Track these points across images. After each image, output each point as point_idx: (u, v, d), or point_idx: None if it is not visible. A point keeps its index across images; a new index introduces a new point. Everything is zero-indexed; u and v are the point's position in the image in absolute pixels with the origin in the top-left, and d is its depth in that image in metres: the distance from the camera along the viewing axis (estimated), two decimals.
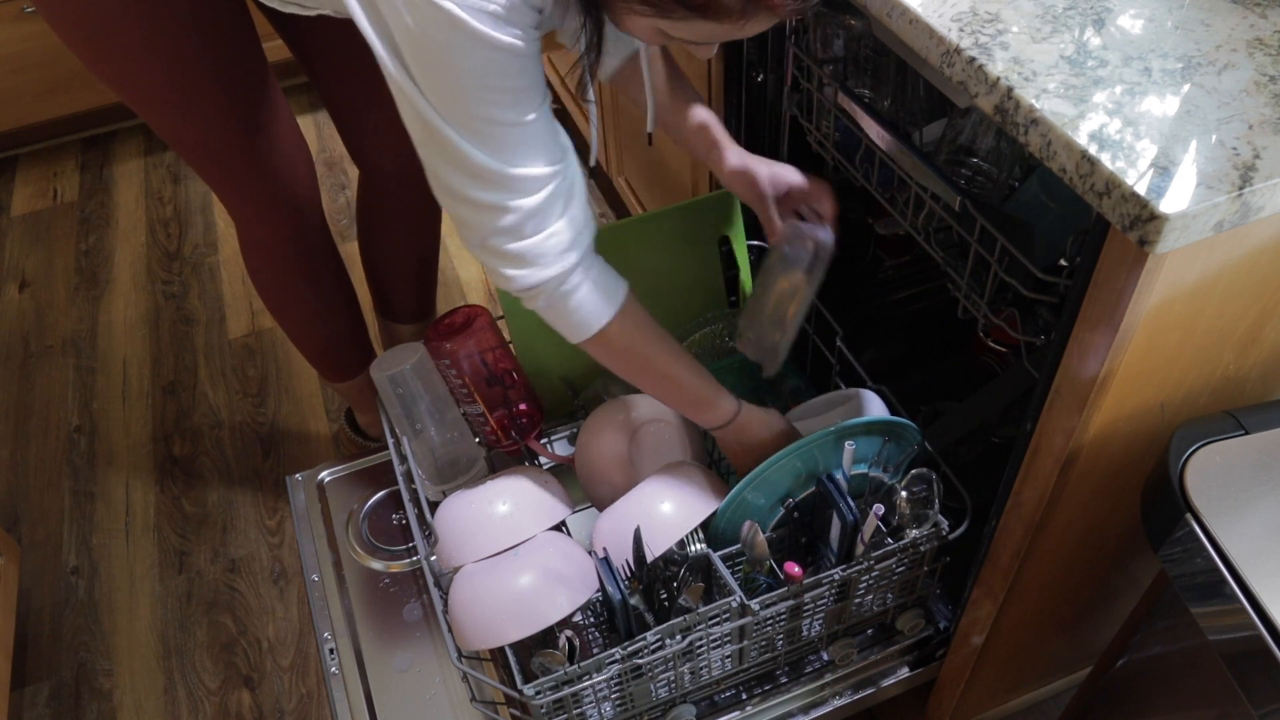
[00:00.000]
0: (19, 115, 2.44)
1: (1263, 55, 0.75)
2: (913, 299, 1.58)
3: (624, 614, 0.96)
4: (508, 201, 0.83)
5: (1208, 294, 0.74)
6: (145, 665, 1.53)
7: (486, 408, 1.21)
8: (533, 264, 0.87)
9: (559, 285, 0.89)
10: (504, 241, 0.86)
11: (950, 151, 1.02)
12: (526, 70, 0.78)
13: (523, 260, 0.87)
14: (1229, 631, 0.71)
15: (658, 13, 0.74)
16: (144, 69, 1.08)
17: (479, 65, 0.75)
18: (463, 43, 0.74)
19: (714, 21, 0.74)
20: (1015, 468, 0.93)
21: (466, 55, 0.75)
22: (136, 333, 2.08)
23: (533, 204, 0.84)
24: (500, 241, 0.86)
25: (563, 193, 0.86)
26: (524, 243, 0.85)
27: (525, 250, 0.86)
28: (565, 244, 0.87)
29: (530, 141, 0.82)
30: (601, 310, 0.92)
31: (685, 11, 0.73)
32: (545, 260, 0.87)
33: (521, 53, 0.77)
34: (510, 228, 0.85)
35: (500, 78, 0.77)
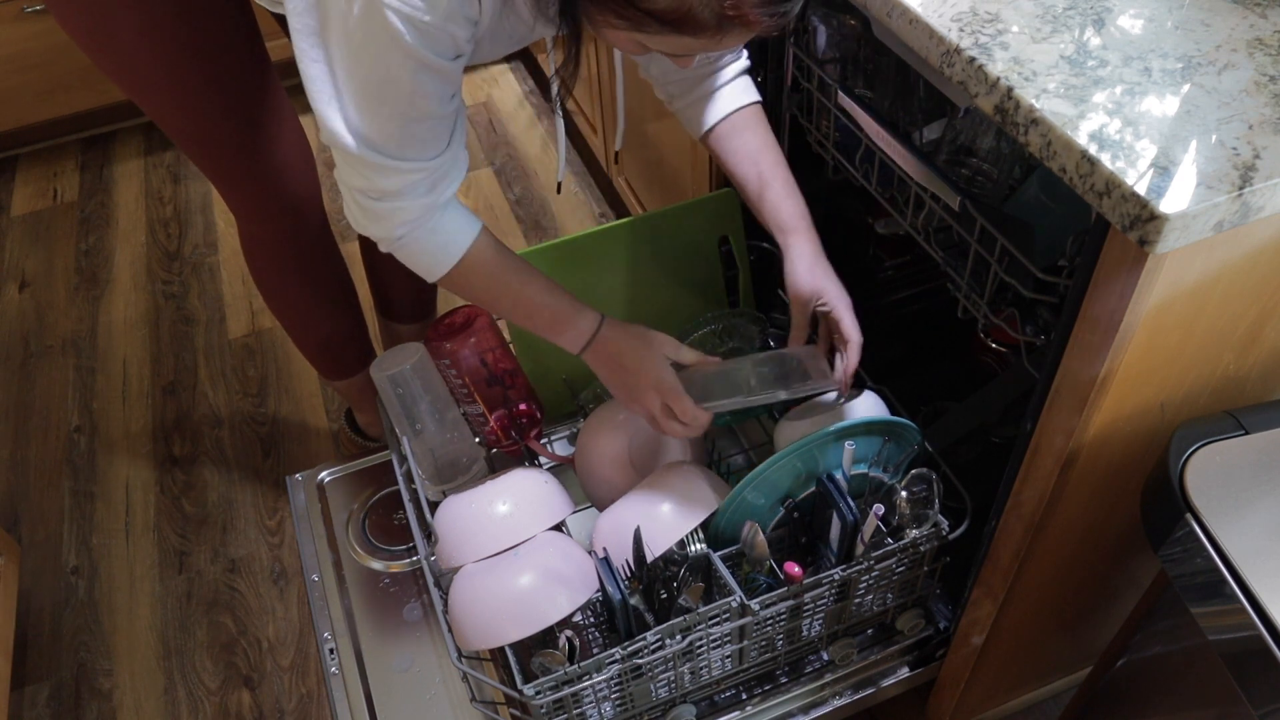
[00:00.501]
0: (19, 115, 2.44)
1: (1263, 55, 0.75)
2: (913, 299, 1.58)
3: (624, 614, 0.96)
4: (375, 179, 0.89)
5: (1208, 294, 0.74)
6: (145, 665, 1.53)
7: (486, 408, 1.21)
8: (376, 221, 0.93)
9: (396, 240, 0.94)
10: (359, 196, 0.92)
11: (950, 151, 1.02)
12: (440, 82, 0.83)
13: (369, 215, 0.93)
14: (1229, 631, 0.71)
15: (633, 26, 0.75)
16: (139, 60, 1.09)
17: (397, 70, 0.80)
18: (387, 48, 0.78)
19: (690, 36, 0.74)
20: (1015, 468, 0.93)
21: (387, 58, 0.79)
22: (136, 333, 2.08)
23: (395, 185, 0.89)
24: (356, 195, 0.92)
25: (430, 180, 0.91)
26: (377, 204, 0.91)
27: (375, 210, 0.92)
28: (411, 218, 0.92)
29: (415, 141, 0.87)
30: (443, 257, 0.96)
31: (660, 26, 0.73)
32: (388, 225, 0.93)
33: (440, 69, 0.81)
34: (369, 190, 0.91)
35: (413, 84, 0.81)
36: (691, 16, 0.72)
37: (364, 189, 0.91)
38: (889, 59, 1.04)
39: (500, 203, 2.30)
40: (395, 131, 0.85)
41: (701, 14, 0.72)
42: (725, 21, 0.73)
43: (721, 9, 0.72)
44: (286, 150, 1.24)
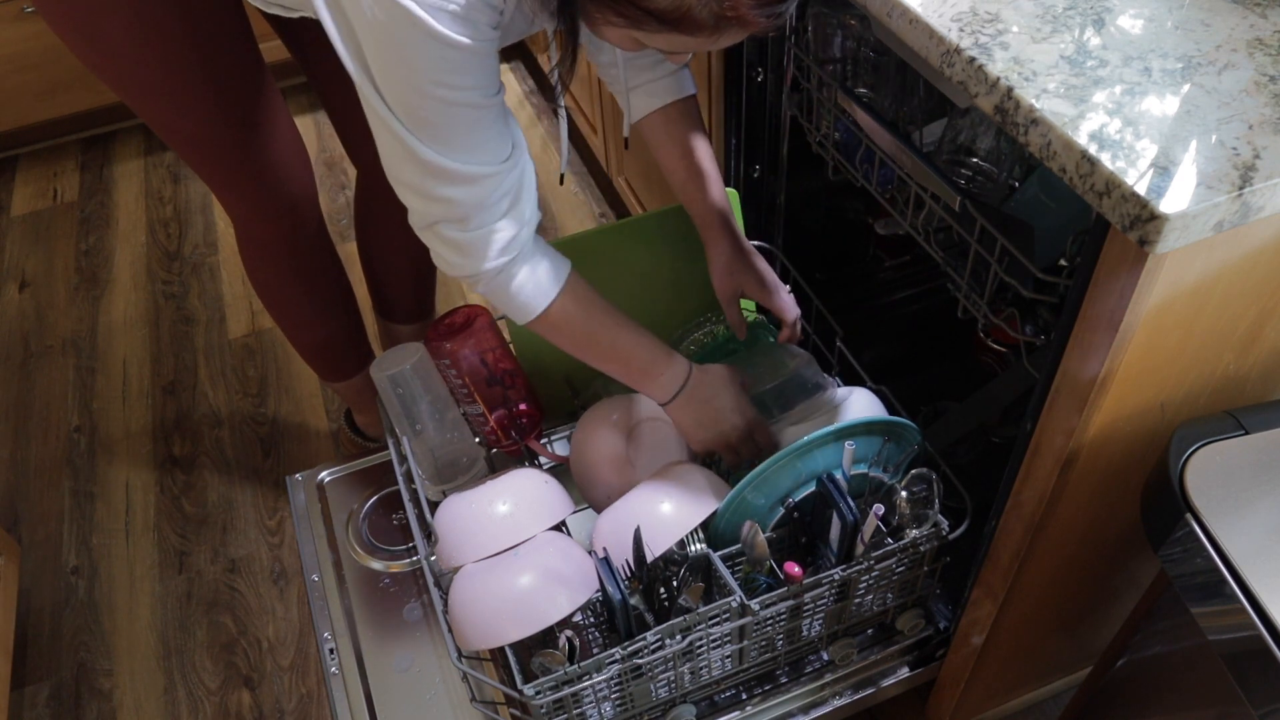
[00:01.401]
0: (19, 115, 2.44)
1: (1263, 55, 0.75)
2: (913, 299, 1.58)
3: (624, 614, 0.96)
4: (451, 194, 0.86)
5: (1208, 294, 0.74)
6: (145, 665, 1.53)
7: (486, 408, 1.21)
8: (470, 255, 0.90)
9: (495, 276, 0.92)
10: (446, 230, 0.89)
11: (950, 151, 1.02)
12: (477, 68, 0.81)
13: (461, 250, 0.90)
14: (1229, 631, 0.71)
15: (631, 25, 0.76)
16: (130, 61, 1.08)
17: (430, 61, 0.78)
18: (417, 39, 0.76)
19: (687, 35, 0.75)
20: (1015, 468, 0.93)
21: (418, 51, 0.77)
22: (136, 333, 2.08)
23: (475, 197, 0.87)
24: (443, 229, 0.89)
25: (509, 190, 0.89)
26: (466, 234, 0.89)
27: (465, 241, 0.89)
28: (505, 242, 0.90)
29: (474, 137, 0.84)
30: (540, 296, 0.95)
31: (658, 25, 0.74)
32: (483, 254, 0.90)
33: (473, 51, 0.79)
34: (453, 218, 0.88)
35: (450, 74, 0.79)
36: (690, 16, 0.73)
37: (447, 217, 0.88)
38: (889, 59, 1.04)
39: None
40: (455, 129, 0.83)
41: (700, 14, 0.73)
42: (723, 21, 0.74)
43: (720, 9, 0.72)
44: (281, 151, 1.24)
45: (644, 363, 1.03)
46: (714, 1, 0.72)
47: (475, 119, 0.84)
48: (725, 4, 0.72)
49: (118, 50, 1.07)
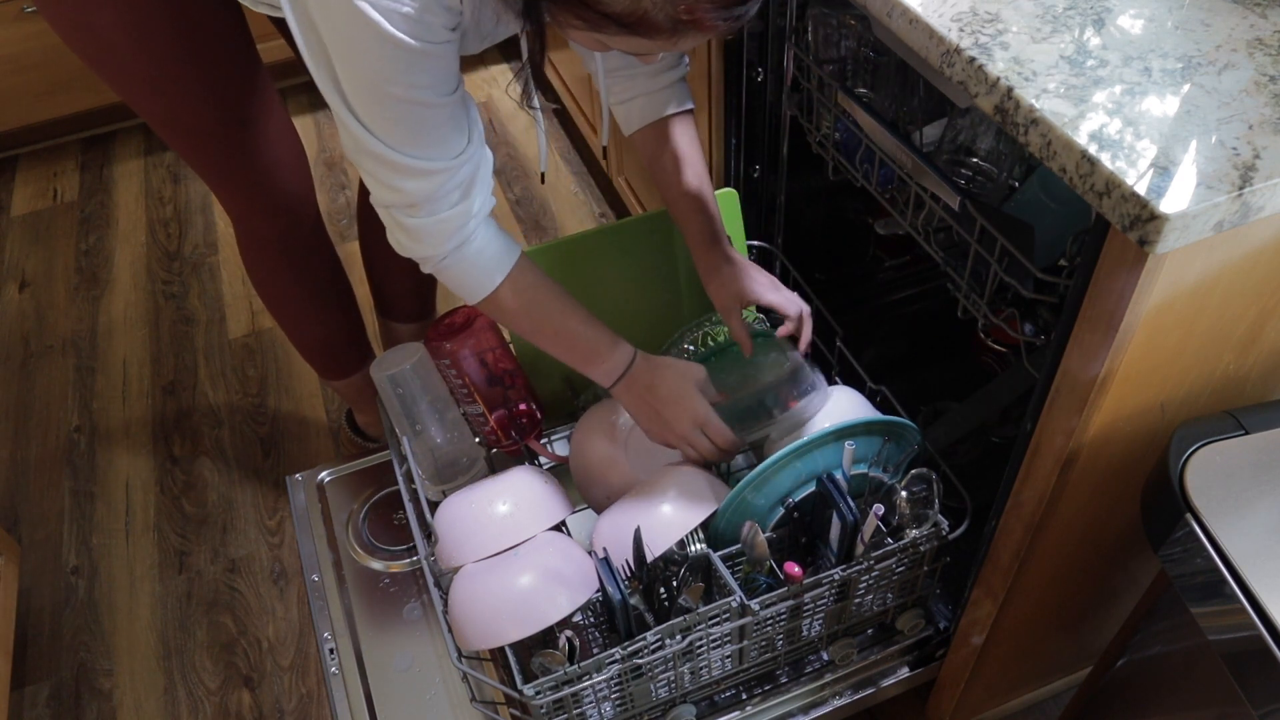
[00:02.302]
0: (19, 115, 2.44)
1: (1263, 55, 0.75)
2: (913, 299, 1.58)
3: (624, 614, 0.96)
4: (402, 185, 0.89)
5: (1208, 294, 0.74)
6: (145, 665, 1.53)
7: (486, 408, 1.21)
8: (419, 241, 0.94)
9: (440, 260, 0.96)
10: (398, 214, 0.93)
11: (950, 151, 1.02)
12: (430, 69, 0.83)
13: (411, 234, 0.94)
14: (1229, 631, 0.71)
15: (591, 27, 0.77)
16: (128, 59, 1.09)
17: (383, 62, 0.81)
18: (371, 40, 0.79)
19: (646, 38, 0.76)
20: (1015, 468, 0.93)
21: (373, 52, 0.80)
22: (136, 333, 2.08)
23: (426, 190, 0.90)
24: (395, 213, 0.93)
25: (460, 182, 0.92)
26: (416, 220, 0.92)
27: (415, 227, 0.93)
28: (453, 230, 0.93)
29: (427, 135, 0.87)
30: (486, 281, 0.98)
31: (617, 28, 0.75)
32: (431, 241, 0.94)
33: (425, 53, 0.81)
34: (404, 205, 0.92)
35: (402, 74, 0.82)
36: (647, 19, 0.74)
37: (399, 204, 0.92)
38: (889, 59, 1.04)
39: (500, 202, 2.30)
40: (406, 126, 0.86)
41: (656, 17, 0.74)
42: (680, 25, 0.75)
43: (675, 13, 0.73)
44: (278, 149, 1.24)
45: (588, 348, 1.05)
46: (670, 5, 0.73)
47: (427, 117, 0.86)
48: (680, 8, 0.73)
49: (111, 45, 1.08)
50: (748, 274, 1.14)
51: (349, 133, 0.87)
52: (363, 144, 0.87)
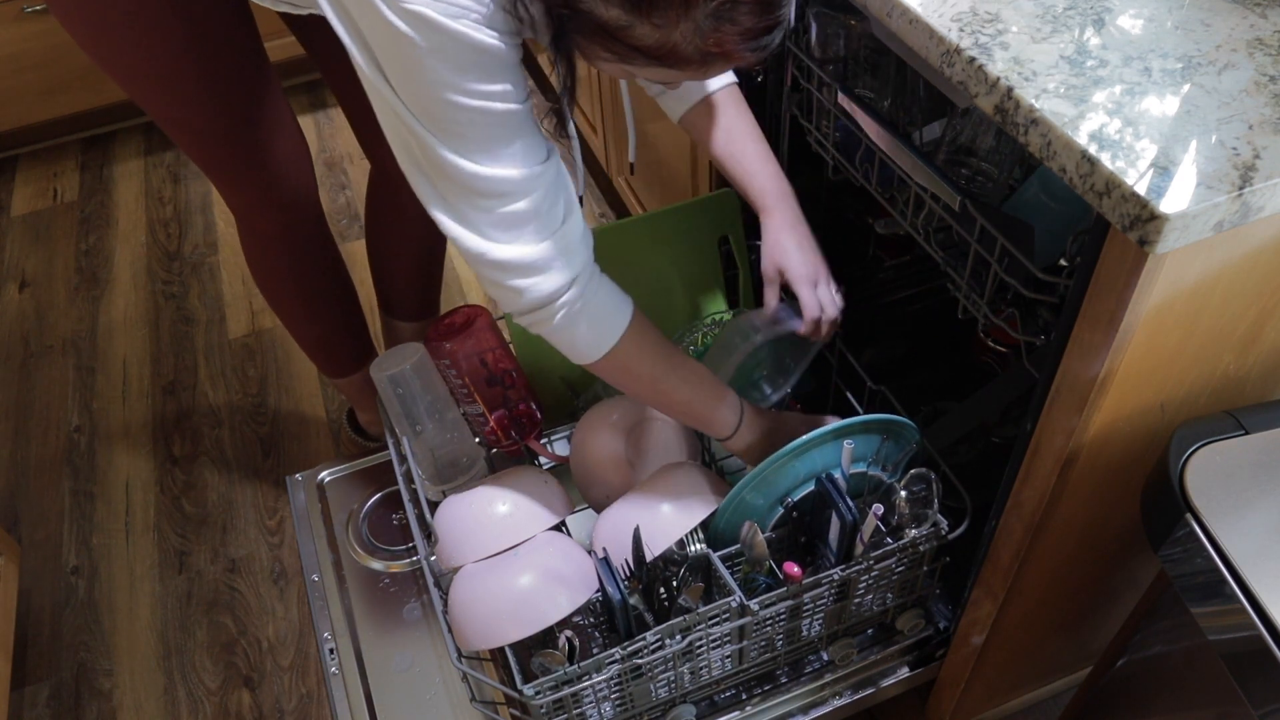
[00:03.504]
0: (19, 115, 2.44)
1: (1263, 55, 0.75)
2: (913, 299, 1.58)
3: (624, 614, 0.96)
4: (492, 208, 0.82)
5: (1208, 294, 0.74)
6: (145, 665, 1.53)
7: (486, 408, 1.21)
8: (534, 273, 0.85)
9: (560, 317, 0.88)
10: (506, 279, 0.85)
11: (950, 151, 1.02)
12: (502, 71, 0.78)
13: (523, 295, 0.86)
14: (1229, 631, 0.71)
15: (620, 59, 0.76)
16: (136, 56, 1.09)
17: (458, 67, 0.75)
18: (439, 42, 0.73)
19: (674, 69, 0.76)
20: (1015, 468, 0.93)
21: (444, 58, 0.74)
22: (136, 333, 2.08)
23: (516, 211, 0.83)
24: (501, 277, 0.86)
25: (558, 188, 0.86)
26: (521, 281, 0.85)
27: (521, 286, 0.85)
28: (573, 246, 0.87)
29: (505, 141, 0.81)
30: (605, 331, 0.92)
31: (645, 60, 0.75)
32: (551, 271, 0.86)
33: (498, 53, 0.76)
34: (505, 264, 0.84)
35: (475, 77, 0.76)
36: (676, 52, 0.74)
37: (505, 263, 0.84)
38: (889, 59, 1.04)
39: None
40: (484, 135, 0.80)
41: (685, 50, 0.74)
42: (709, 57, 0.75)
43: (704, 45, 0.73)
44: (283, 148, 1.24)
45: (699, 416, 1.04)
46: (699, 38, 0.73)
47: (511, 122, 0.80)
48: (709, 40, 0.73)
49: (119, 43, 1.08)
50: (797, 252, 1.09)
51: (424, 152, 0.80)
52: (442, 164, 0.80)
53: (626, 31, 0.73)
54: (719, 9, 0.71)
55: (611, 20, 0.72)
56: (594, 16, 0.73)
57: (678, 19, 0.71)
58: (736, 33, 0.73)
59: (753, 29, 0.74)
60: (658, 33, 0.72)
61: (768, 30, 0.75)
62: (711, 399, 1.03)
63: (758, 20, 0.73)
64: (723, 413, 1.04)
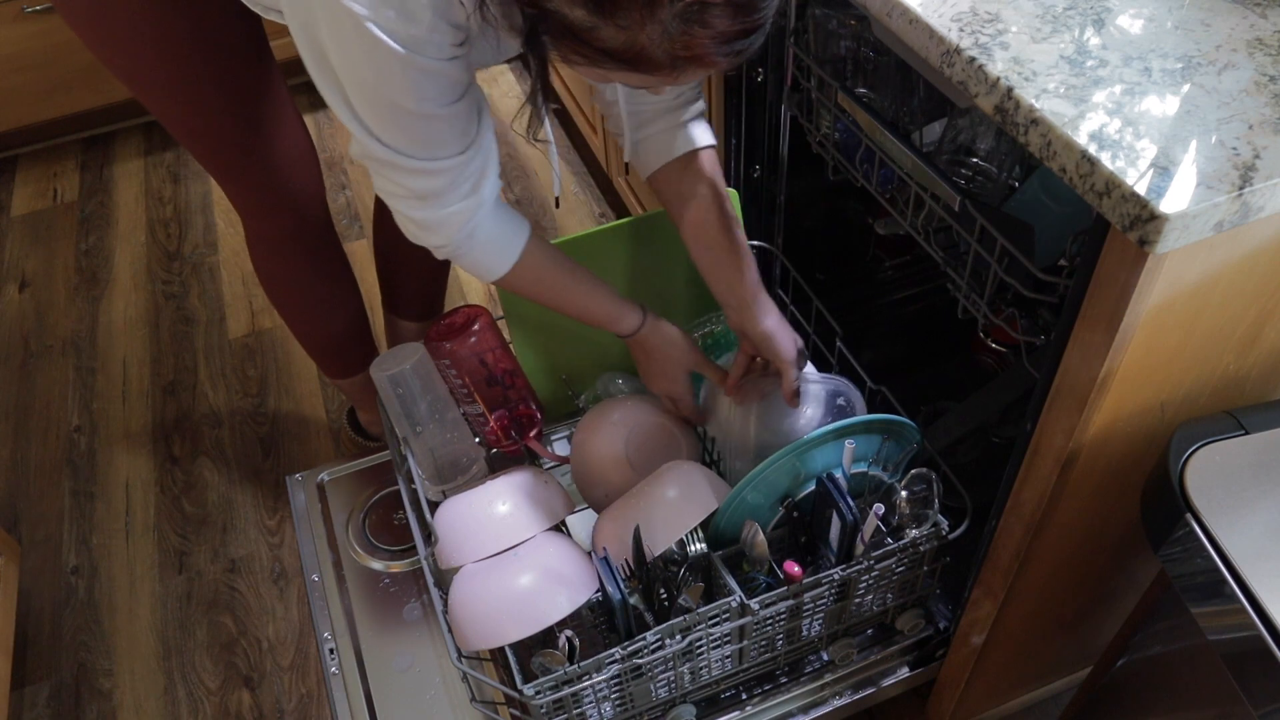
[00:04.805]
0: (19, 115, 2.43)
1: (1263, 55, 0.75)
2: (913, 299, 1.58)
3: (624, 614, 0.96)
4: (410, 183, 0.92)
5: (1208, 294, 0.74)
6: (145, 665, 1.53)
7: (486, 408, 1.21)
8: (430, 231, 0.97)
9: (454, 249, 0.99)
10: (407, 208, 0.95)
11: (950, 151, 1.02)
12: (438, 83, 0.85)
13: (421, 225, 0.97)
14: (1229, 631, 0.71)
15: (590, 62, 0.75)
16: (141, 56, 1.09)
17: (391, 77, 0.82)
18: (379, 58, 0.80)
19: (646, 74, 0.75)
20: (1015, 468, 0.93)
21: (379, 68, 0.81)
22: (136, 333, 2.08)
23: (434, 186, 0.92)
24: (403, 207, 0.96)
25: (469, 176, 0.94)
26: (424, 213, 0.95)
27: (424, 219, 0.96)
28: (462, 221, 0.96)
29: (435, 139, 0.89)
30: (498, 264, 1.02)
31: (614, 63, 0.74)
32: (443, 231, 0.97)
33: (433, 70, 0.83)
34: (413, 198, 0.94)
35: (412, 89, 0.83)
36: (645, 55, 0.72)
37: (406, 197, 0.94)
38: (889, 59, 1.04)
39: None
40: (412, 134, 0.88)
41: (654, 53, 0.72)
42: (679, 60, 0.73)
43: (674, 49, 0.72)
44: (289, 148, 1.24)
45: (599, 319, 1.12)
46: (668, 41, 0.71)
47: (434, 125, 0.88)
48: (678, 44, 0.71)
49: (124, 44, 1.08)
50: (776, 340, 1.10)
51: (355, 138, 0.89)
52: (369, 148, 0.89)
53: (593, 34, 0.72)
54: (686, 11, 0.69)
55: (577, 21, 0.72)
56: (560, 17, 0.72)
57: (643, 21, 0.70)
58: (708, 36, 0.71)
59: (726, 32, 0.72)
60: (623, 35, 0.71)
61: (744, 34, 0.73)
62: (613, 301, 1.11)
63: (732, 23, 0.71)
64: (626, 314, 1.12)
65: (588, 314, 1.12)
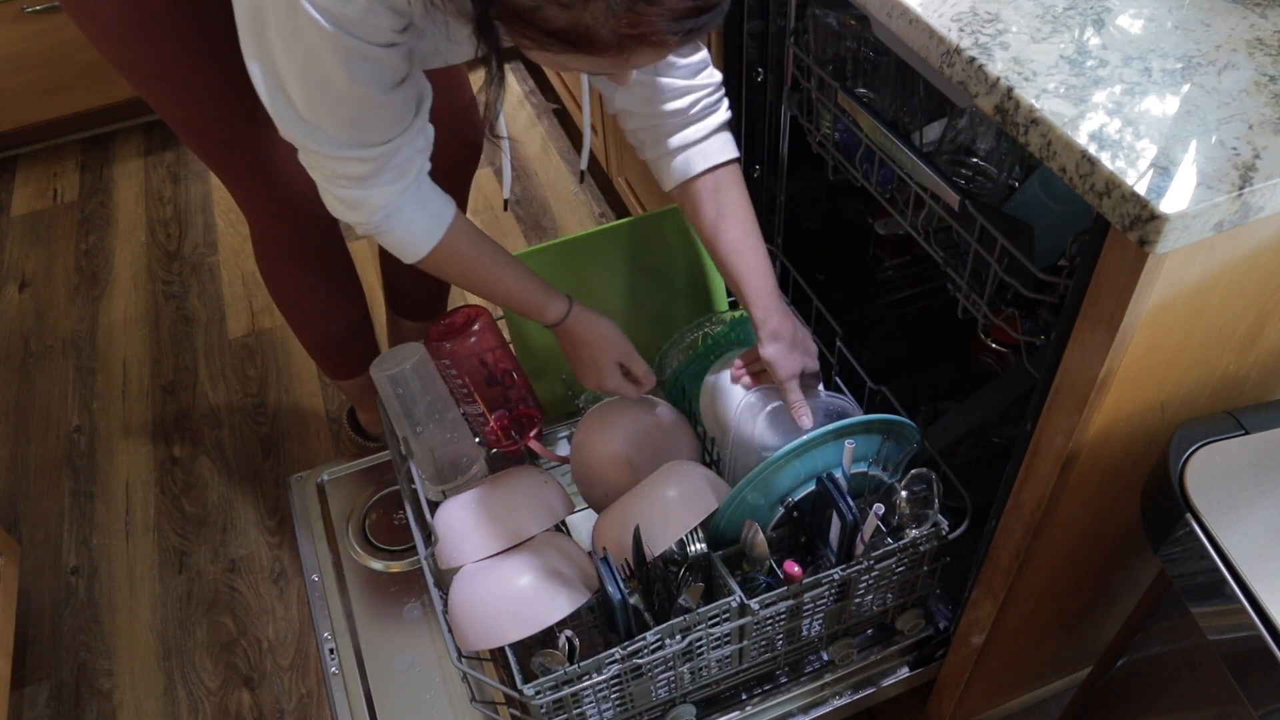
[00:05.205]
0: (19, 115, 2.43)
1: (1263, 55, 0.75)
2: (913, 299, 1.58)
3: (624, 614, 0.96)
4: (336, 167, 0.92)
5: (1208, 294, 0.74)
6: (145, 665, 1.53)
7: (486, 408, 1.21)
8: (352, 208, 0.96)
9: (372, 228, 0.98)
10: (329, 184, 0.95)
11: (950, 151, 1.02)
12: (373, 68, 0.84)
13: (344, 202, 0.96)
14: (1229, 631, 0.71)
15: (537, 45, 0.73)
16: (143, 56, 1.09)
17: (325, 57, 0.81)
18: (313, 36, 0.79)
19: (595, 56, 0.72)
20: (1015, 468, 0.93)
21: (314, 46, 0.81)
22: (136, 333, 2.08)
23: (360, 171, 0.92)
24: (326, 182, 0.95)
25: (397, 164, 0.93)
26: (347, 192, 0.94)
27: (347, 198, 0.95)
28: (384, 203, 0.95)
29: (366, 125, 0.89)
30: (418, 245, 1.01)
31: (561, 45, 0.71)
32: (364, 211, 0.96)
33: (368, 54, 0.82)
34: (332, 179, 0.94)
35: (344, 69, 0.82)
36: (591, 35, 0.70)
37: (331, 178, 0.94)
38: (889, 59, 1.04)
39: (500, 203, 2.30)
40: (342, 119, 0.87)
41: (600, 33, 0.69)
42: (627, 40, 0.70)
43: (619, 27, 0.69)
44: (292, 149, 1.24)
45: (522, 305, 1.11)
46: (613, 19, 0.68)
47: (367, 110, 0.87)
48: (624, 22, 0.68)
49: (123, 41, 1.08)
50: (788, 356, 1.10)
51: (279, 111, 0.88)
52: (293, 128, 0.89)
53: (537, 14, 0.70)
54: None
55: (521, 2, 0.70)
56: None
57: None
58: (657, 14, 0.68)
59: (677, 9, 0.68)
60: (568, 14, 0.68)
61: (697, 11, 0.70)
62: (539, 288, 1.10)
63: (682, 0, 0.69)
64: (553, 302, 1.11)
65: (513, 299, 1.10)
